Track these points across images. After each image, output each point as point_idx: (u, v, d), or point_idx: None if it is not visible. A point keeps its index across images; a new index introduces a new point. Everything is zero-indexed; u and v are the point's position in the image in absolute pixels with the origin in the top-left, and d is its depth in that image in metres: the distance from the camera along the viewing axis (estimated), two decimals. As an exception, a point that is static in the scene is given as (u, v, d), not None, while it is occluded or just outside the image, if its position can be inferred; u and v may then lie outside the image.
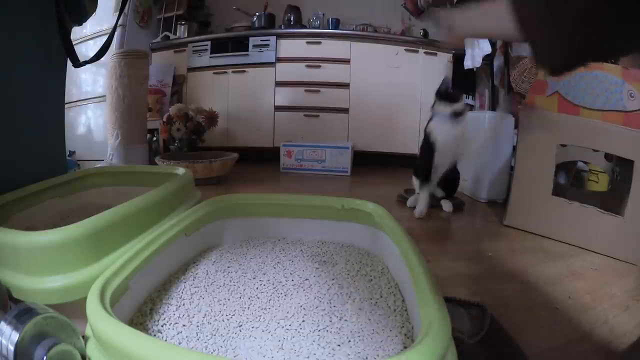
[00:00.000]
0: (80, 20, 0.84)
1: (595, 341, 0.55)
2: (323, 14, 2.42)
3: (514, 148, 1.15)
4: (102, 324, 0.30)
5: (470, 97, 2.09)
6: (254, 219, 0.67)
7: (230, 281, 0.51)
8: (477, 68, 1.92)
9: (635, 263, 0.84)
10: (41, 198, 0.70)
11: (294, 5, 2.40)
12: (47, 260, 0.42)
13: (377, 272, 0.53)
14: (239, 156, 1.64)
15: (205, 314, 0.43)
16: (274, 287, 0.49)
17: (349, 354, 0.36)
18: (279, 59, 2.16)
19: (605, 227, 0.90)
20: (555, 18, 0.31)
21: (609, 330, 0.57)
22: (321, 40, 2.14)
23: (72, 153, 1.92)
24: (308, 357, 0.36)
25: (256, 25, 2.33)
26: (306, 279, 0.51)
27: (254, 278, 0.52)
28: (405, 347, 0.37)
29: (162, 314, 0.43)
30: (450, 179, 1.22)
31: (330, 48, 2.14)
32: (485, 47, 1.82)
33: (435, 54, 2.12)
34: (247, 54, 2.18)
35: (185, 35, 2.37)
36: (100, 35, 1.98)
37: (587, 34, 0.31)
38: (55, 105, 0.85)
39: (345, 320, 0.42)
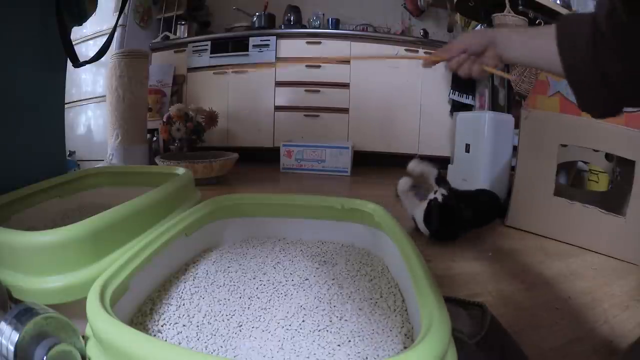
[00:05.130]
0: (80, 20, 0.84)
1: (596, 341, 0.55)
2: (323, 14, 2.42)
3: (515, 148, 1.15)
4: (102, 324, 0.30)
5: (470, 97, 2.09)
6: (254, 219, 0.67)
7: (230, 281, 0.51)
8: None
9: (636, 263, 0.84)
10: (41, 198, 0.70)
11: (294, 5, 2.40)
12: (47, 260, 0.42)
13: (377, 272, 0.53)
14: (239, 156, 1.64)
15: (205, 314, 0.43)
16: (274, 287, 0.49)
17: (349, 354, 0.36)
18: (279, 59, 2.16)
19: (606, 228, 0.90)
20: (601, 74, 0.32)
21: (609, 330, 0.57)
22: (321, 40, 2.14)
23: (72, 153, 1.92)
24: (308, 357, 0.36)
25: (256, 25, 2.33)
26: (306, 279, 0.51)
27: (254, 278, 0.52)
28: (405, 347, 0.37)
29: (162, 314, 0.43)
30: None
31: (330, 48, 2.14)
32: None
33: (436, 54, 2.12)
34: (247, 54, 2.18)
35: (185, 35, 2.37)
36: (100, 35, 1.98)
37: (626, 76, 0.31)
38: (55, 105, 0.85)
39: (345, 320, 0.42)
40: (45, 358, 0.29)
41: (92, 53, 0.81)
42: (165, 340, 0.38)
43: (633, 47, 0.30)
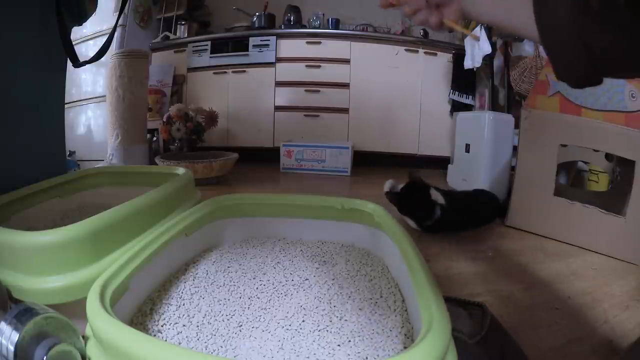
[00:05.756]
0: (80, 20, 0.84)
1: (596, 341, 0.55)
2: (323, 14, 2.42)
3: (515, 148, 1.15)
4: (102, 324, 0.30)
5: (470, 97, 2.09)
6: (254, 219, 0.67)
7: (230, 281, 0.51)
8: (477, 68, 1.92)
9: (636, 263, 0.84)
10: (41, 198, 0.70)
11: (294, 5, 2.40)
12: (47, 260, 0.42)
13: (377, 272, 0.53)
14: (239, 156, 1.64)
15: (205, 314, 0.43)
16: (274, 287, 0.49)
17: (349, 354, 0.36)
18: (279, 59, 2.16)
19: (606, 228, 0.90)
20: (583, 41, 0.31)
21: (609, 330, 0.57)
22: (321, 40, 2.14)
23: (72, 153, 1.92)
24: (308, 357, 0.36)
25: (256, 25, 2.33)
26: (306, 279, 0.51)
27: (254, 278, 0.52)
28: (405, 347, 0.37)
29: (162, 314, 0.43)
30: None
31: (330, 48, 2.14)
32: (485, 47, 1.82)
33: (435, 54, 2.12)
34: (247, 54, 2.18)
35: (185, 35, 2.37)
36: (100, 35, 1.98)
37: (610, 49, 0.30)
38: (55, 105, 0.85)
39: (345, 320, 0.42)
40: (45, 358, 0.29)
41: (92, 53, 0.81)
42: (165, 340, 0.38)
43: (623, 25, 0.29)
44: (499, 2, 0.39)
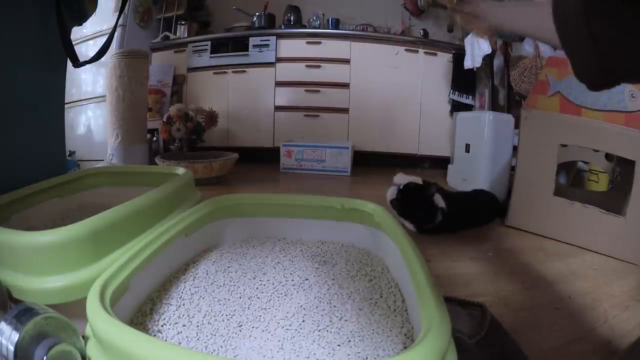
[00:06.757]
0: (80, 20, 0.84)
1: (596, 341, 0.55)
2: (323, 14, 2.42)
3: (515, 148, 1.15)
4: (102, 324, 0.30)
5: (470, 97, 2.09)
6: (254, 219, 0.67)
7: (230, 281, 0.51)
8: (477, 68, 1.92)
9: (636, 263, 0.84)
10: (41, 198, 0.70)
11: (294, 5, 2.40)
12: (47, 260, 0.42)
13: (377, 272, 0.53)
14: (239, 156, 1.64)
15: (205, 314, 0.43)
16: (274, 287, 0.49)
17: (349, 354, 0.36)
18: (279, 59, 2.16)
19: (606, 228, 0.90)
20: (592, 37, 0.31)
21: (609, 330, 0.57)
22: (321, 40, 2.14)
23: (72, 153, 1.92)
24: (308, 357, 0.36)
25: (256, 25, 2.33)
26: (306, 279, 0.51)
27: (254, 278, 0.52)
28: (405, 347, 0.37)
29: (162, 314, 0.43)
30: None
31: (330, 48, 2.14)
32: (485, 47, 1.82)
33: (435, 54, 2.12)
34: (247, 54, 2.18)
35: (185, 35, 2.37)
36: (100, 35, 1.98)
37: (623, 54, 0.31)
38: (55, 105, 0.85)
39: (345, 320, 0.42)
40: (45, 358, 0.29)
41: (92, 53, 0.81)
42: (165, 340, 0.38)
43: (623, 15, 0.30)
44: (523, 14, 0.42)
